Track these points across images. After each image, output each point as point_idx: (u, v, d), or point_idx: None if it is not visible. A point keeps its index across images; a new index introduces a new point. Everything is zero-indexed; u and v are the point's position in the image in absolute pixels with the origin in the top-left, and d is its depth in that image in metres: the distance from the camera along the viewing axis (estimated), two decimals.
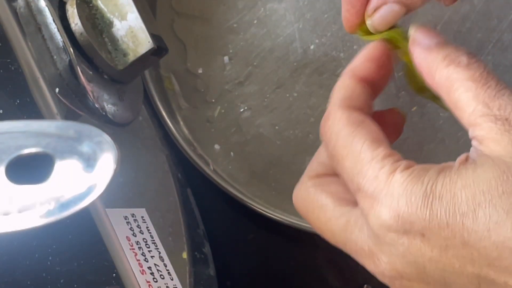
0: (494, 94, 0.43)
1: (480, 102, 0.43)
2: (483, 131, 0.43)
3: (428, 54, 0.46)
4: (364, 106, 0.48)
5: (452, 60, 0.45)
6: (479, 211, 0.41)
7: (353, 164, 0.45)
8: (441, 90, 0.45)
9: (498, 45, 0.70)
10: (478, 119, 0.43)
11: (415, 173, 0.43)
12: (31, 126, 0.42)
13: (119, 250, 0.53)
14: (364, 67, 0.49)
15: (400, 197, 0.42)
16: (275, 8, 0.72)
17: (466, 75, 0.44)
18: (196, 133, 0.70)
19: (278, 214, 0.67)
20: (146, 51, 0.54)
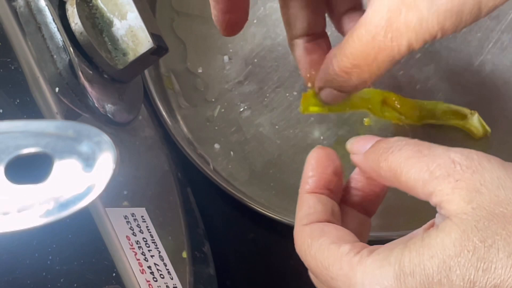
0: (431, 158, 0.44)
1: (423, 173, 0.44)
2: (437, 197, 0.43)
3: (366, 159, 0.48)
4: (324, 215, 0.49)
5: (385, 152, 0.46)
6: (452, 275, 0.41)
7: (325, 269, 0.46)
8: (392, 182, 0.47)
9: (498, 45, 0.70)
10: (429, 188, 0.44)
11: (380, 256, 0.44)
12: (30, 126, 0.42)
13: (119, 249, 0.53)
14: (311, 180, 0.51)
15: (374, 285, 0.43)
16: (275, 8, 0.72)
17: (403, 158, 0.45)
18: (196, 133, 0.70)
19: (278, 213, 0.66)
20: (146, 50, 0.53)
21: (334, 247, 0.46)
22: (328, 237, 0.47)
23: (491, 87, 0.69)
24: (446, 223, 0.42)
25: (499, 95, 0.69)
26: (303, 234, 0.48)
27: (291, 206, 0.67)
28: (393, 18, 0.49)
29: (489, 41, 0.70)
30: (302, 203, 0.51)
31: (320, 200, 0.50)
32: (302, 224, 0.49)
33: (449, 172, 0.43)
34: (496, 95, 0.69)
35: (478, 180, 0.42)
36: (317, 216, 0.49)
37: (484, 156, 0.43)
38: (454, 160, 0.43)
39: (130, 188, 0.58)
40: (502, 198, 0.42)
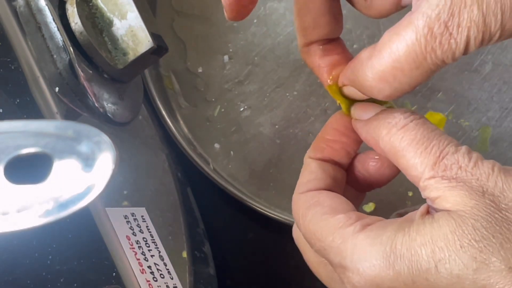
0: (438, 154, 0.44)
1: (425, 166, 0.44)
2: (432, 192, 0.43)
3: (368, 127, 0.47)
4: (323, 183, 0.49)
5: (390, 126, 0.46)
6: (441, 267, 0.41)
7: (318, 240, 0.46)
8: (389, 157, 0.46)
9: (498, 44, 0.70)
10: (426, 182, 0.44)
11: (373, 234, 0.44)
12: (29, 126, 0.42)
13: (119, 249, 0.53)
14: (320, 148, 0.50)
15: (363, 261, 0.43)
16: (275, 7, 0.72)
17: (408, 141, 0.45)
18: (196, 132, 0.70)
19: (278, 213, 0.67)
20: (146, 50, 0.53)
21: (327, 218, 0.46)
22: (322, 207, 0.47)
23: (491, 87, 0.69)
24: (442, 214, 0.42)
25: (499, 95, 0.69)
26: (298, 203, 0.48)
27: (291, 205, 0.68)
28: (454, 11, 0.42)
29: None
30: (304, 168, 0.50)
31: (321, 166, 0.50)
32: (298, 192, 0.49)
33: (454, 176, 0.43)
34: (496, 95, 0.69)
35: (481, 186, 0.42)
36: (315, 184, 0.49)
37: (489, 165, 0.43)
38: (461, 166, 0.43)
39: (130, 188, 0.58)
40: (503, 205, 0.42)
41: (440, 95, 0.69)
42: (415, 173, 0.44)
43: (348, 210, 0.46)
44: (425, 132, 0.45)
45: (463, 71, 0.70)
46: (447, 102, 0.69)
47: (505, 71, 0.69)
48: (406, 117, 0.45)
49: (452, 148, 0.44)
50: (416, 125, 0.45)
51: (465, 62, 0.70)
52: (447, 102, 0.69)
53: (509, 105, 0.69)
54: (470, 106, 0.69)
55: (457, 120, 0.69)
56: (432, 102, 0.69)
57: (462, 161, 0.43)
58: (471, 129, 0.69)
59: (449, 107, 0.69)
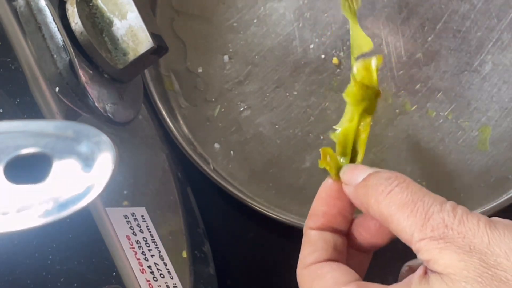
0: (424, 216, 0.45)
1: (413, 229, 0.45)
2: (424, 255, 0.44)
3: (357, 194, 0.48)
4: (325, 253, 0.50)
5: (377, 194, 0.47)
6: None
7: None
8: (381, 222, 0.47)
9: (498, 44, 0.70)
10: (417, 244, 0.44)
11: None
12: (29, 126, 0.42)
13: (119, 249, 0.53)
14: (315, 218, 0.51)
15: None
16: (275, 7, 0.72)
17: (394, 205, 0.46)
18: (196, 132, 0.70)
19: (278, 212, 0.67)
20: (146, 50, 0.53)
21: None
22: (325, 281, 0.47)
23: (491, 87, 0.69)
24: (436, 280, 0.43)
25: (499, 95, 0.69)
26: (303, 279, 0.49)
27: (291, 205, 0.68)
28: None
29: (489, 41, 0.70)
30: (305, 240, 0.51)
31: (321, 237, 0.50)
32: (302, 267, 0.50)
33: (441, 236, 0.44)
34: (496, 95, 0.69)
35: (468, 245, 0.43)
36: (317, 256, 0.49)
37: (474, 221, 0.44)
38: (447, 225, 0.44)
39: (130, 188, 0.58)
40: (491, 262, 0.42)
41: (440, 95, 0.69)
42: (406, 237, 0.45)
43: (350, 281, 0.47)
44: (409, 195, 0.45)
45: (463, 71, 0.70)
46: (447, 102, 0.69)
47: (505, 71, 0.69)
48: (390, 183, 0.46)
49: (436, 207, 0.45)
50: (400, 189, 0.46)
51: (465, 62, 0.70)
52: (447, 102, 0.69)
53: (509, 105, 0.69)
54: (470, 106, 0.69)
55: (457, 120, 0.69)
56: (432, 102, 0.69)
57: (448, 219, 0.44)
58: (471, 129, 0.68)
59: (449, 107, 0.69)
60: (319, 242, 0.50)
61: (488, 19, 0.70)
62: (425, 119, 0.68)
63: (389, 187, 0.46)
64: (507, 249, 0.42)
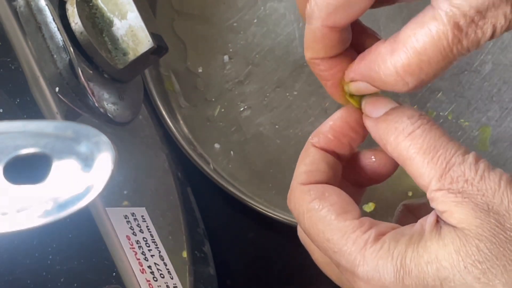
0: (445, 166, 0.43)
1: (432, 177, 0.43)
2: (439, 206, 0.43)
3: (377, 128, 0.46)
4: (325, 176, 0.48)
5: (397, 132, 0.45)
6: (445, 285, 0.42)
7: (327, 240, 0.45)
8: (398, 161, 0.46)
9: (498, 44, 0.70)
10: (433, 193, 0.43)
11: (385, 246, 0.43)
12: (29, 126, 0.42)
13: (119, 249, 0.53)
14: (323, 136, 0.49)
15: (374, 273, 0.43)
16: (275, 7, 0.72)
17: (415, 150, 0.44)
18: (196, 132, 0.70)
19: (278, 212, 0.67)
20: (146, 50, 0.54)
21: (338, 220, 0.45)
22: (331, 205, 0.46)
23: (491, 87, 0.69)
24: (449, 231, 0.42)
25: (499, 95, 0.69)
26: (301, 195, 0.47)
27: None
28: None
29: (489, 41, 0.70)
30: (306, 155, 0.49)
31: (324, 158, 0.48)
32: (300, 182, 0.47)
33: (460, 190, 0.43)
34: (496, 95, 0.69)
35: (486, 203, 0.42)
36: (316, 176, 0.47)
37: (496, 179, 0.43)
38: (467, 179, 0.43)
39: (130, 188, 0.58)
40: (508, 225, 0.42)
41: (440, 95, 0.69)
42: (423, 183, 0.44)
43: (358, 212, 0.46)
44: (431, 140, 0.44)
45: (463, 71, 0.70)
46: (447, 102, 0.69)
47: (505, 71, 0.69)
48: (413, 123, 0.45)
49: (459, 158, 0.43)
50: (422, 132, 0.44)
51: (465, 62, 0.70)
52: (447, 102, 0.69)
53: (509, 105, 0.69)
54: (470, 106, 0.69)
55: (457, 120, 0.69)
56: (432, 102, 0.69)
57: (469, 174, 0.43)
58: (471, 129, 0.69)
59: (449, 107, 0.69)
60: (322, 163, 0.48)
61: None
62: None
63: (411, 127, 0.44)
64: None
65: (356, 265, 0.44)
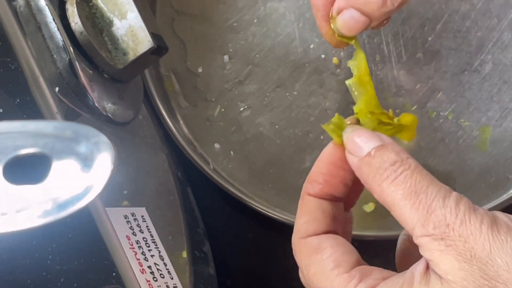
0: (426, 211, 0.43)
1: (415, 222, 0.44)
2: (426, 253, 0.43)
3: (360, 170, 0.47)
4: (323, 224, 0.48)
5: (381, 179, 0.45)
6: None
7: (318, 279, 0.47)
8: (384, 205, 0.46)
9: (498, 44, 0.70)
10: (418, 239, 0.44)
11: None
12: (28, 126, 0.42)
13: (119, 249, 0.53)
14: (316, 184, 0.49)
15: None
16: (275, 7, 0.72)
17: (398, 195, 0.44)
18: (196, 132, 0.70)
19: (278, 212, 0.66)
20: (146, 50, 0.53)
21: (331, 275, 0.46)
22: (326, 259, 0.47)
23: (491, 87, 0.69)
24: (436, 283, 0.43)
25: (499, 95, 0.69)
26: (300, 249, 0.48)
27: (291, 205, 0.68)
28: None
29: (489, 41, 0.70)
30: (302, 206, 0.50)
31: (320, 206, 0.49)
32: (299, 237, 0.48)
33: (442, 236, 0.43)
34: (496, 95, 0.69)
35: (469, 251, 0.42)
36: (314, 227, 0.48)
37: (477, 223, 0.43)
38: (449, 224, 0.43)
39: (130, 188, 0.58)
40: (491, 273, 0.42)
41: (440, 95, 0.69)
42: (408, 228, 0.44)
43: (351, 264, 0.46)
44: (412, 186, 0.44)
45: (463, 71, 0.70)
46: (447, 102, 0.69)
47: (505, 71, 0.69)
48: (395, 170, 0.45)
49: (439, 202, 0.43)
50: (404, 178, 0.45)
51: (465, 62, 0.70)
52: (447, 102, 0.69)
53: (509, 105, 0.69)
54: (470, 106, 0.69)
55: (457, 120, 0.69)
56: (432, 102, 0.69)
57: (449, 218, 0.43)
58: (471, 129, 0.68)
59: (449, 107, 0.69)
60: (317, 212, 0.49)
61: (489, 19, 0.70)
62: (425, 119, 0.68)
63: (394, 174, 0.45)
64: (508, 260, 0.42)
65: None
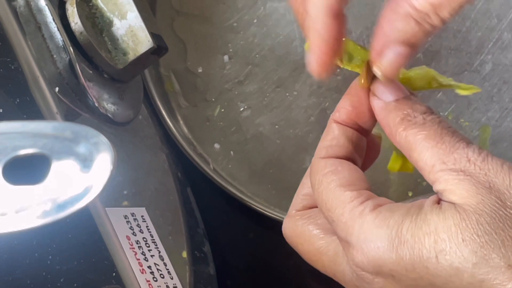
0: (449, 149, 0.44)
1: (436, 160, 0.44)
2: (441, 185, 0.44)
3: (386, 115, 0.47)
4: (345, 150, 0.49)
5: (408, 122, 0.46)
6: (441, 257, 0.42)
7: (328, 210, 0.46)
8: (402, 150, 0.46)
9: (498, 44, 0.70)
10: (436, 175, 0.44)
11: (381, 216, 0.44)
12: (28, 126, 0.42)
13: (119, 249, 0.53)
14: (344, 111, 0.49)
15: (368, 242, 0.44)
16: (275, 7, 0.72)
17: (422, 136, 0.45)
18: (196, 132, 0.70)
19: (277, 213, 0.67)
20: (146, 50, 0.54)
21: (340, 190, 0.46)
22: (338, 178, 0.47)
23: (491, 87, 0.69)
24: (449, 207, 0.43)
25: (499, 95, 0.69)
26: (317, 167, 0.48)
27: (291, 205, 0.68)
28: None
29: (489, 41, 0.70)
30: (328, 131, 0.50)
31: (345, 132, 0.49)
32: (319, 157, 0.48)
33: (462, 168, 0.43)
34: (496, 95, 0.69)
35: (488, 182, 0.43)
36: (336, 151, 0.48)
37: (498, 162, 0.44)
38: (470, 159, 0.43)
39: (130, 188, 0.58)
40: (508, 203, 0.42)
41: (440, 95, 0.69)
42: (426, 167, 0.44)
43: (363, 187, 0.46)
44: (439, 129, 0.45)
45: (463, 71, 0.70)
46: (447, 102, 0.69)
47: (505, 71, 0.69)
48: (426, 116, 0.46)
49: (463, 144, 0.44)
50: (432, 123, 0.45)
51: (465, 62, 0.70)
52: (447, 102, 0.69)
53: (509, 105, 0.69)
54: (470, 106, 0.69)
55: (457, 120, 0.69)
56: (432, 102, 0.69)
57: (472, 155, 0.43)
58: (471, 129, 0.69)
59: (449, 107, 0.69)
60: (341, 138, 0.49)
61: (488, 19, 0.70)
62: None
63: (422, 120, 0.45)
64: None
65: (351, 234, 0.44)
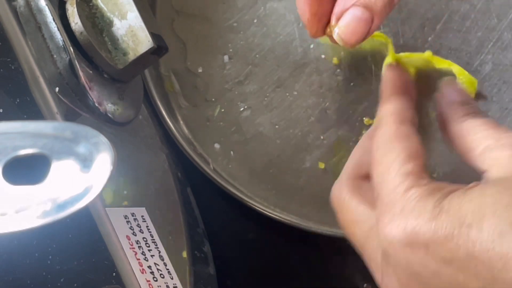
0: (498, 130, 0.46)
1: (490, 139, 0.46)
2: (490, 160, 0.45)
3: (451, 108, 0.50)
4: (412, 116, 0.51)
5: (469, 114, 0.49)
6: (484, 222, 0.41)
7: (381, 172, 0.47)
8: (456, 137, 0.48)
9: (498, 44, 0.70)
10: (486, 153, 0.45)
11: (429, 190, 0.45)
12: (27, 126, 0.42)
13: (119, 249, 0.53)
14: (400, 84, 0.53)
15: (410, 210, 0.44)
16: (275, 7, 0.72)
17: (479, 122, 0.47)
18: (196, 132, 0.70)
19: (278, 213, 0.67)
20: (146, 50, 0.53)
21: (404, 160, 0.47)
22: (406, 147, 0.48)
23: (491, 87, 0.69)
24: (493, 177, 0.44)
25: (499, 95, 0.69)
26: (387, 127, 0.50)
27: (291, 205, 0.68)
28: None
29: (489, 41, 0.70)
30: (398, 99, 0.52)
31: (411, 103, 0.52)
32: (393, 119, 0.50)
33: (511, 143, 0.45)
34: (496, 95, 0.69)
35: None
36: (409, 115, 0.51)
37: None
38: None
39: (130, 188, 0.58)
40: None
41: None
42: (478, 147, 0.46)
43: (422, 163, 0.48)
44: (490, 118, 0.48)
45: None
46: None
47: (505, 71, 0.69)
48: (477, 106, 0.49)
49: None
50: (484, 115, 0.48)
51: (465, 62, 0.70)
52: None
53: (509, 105, 0.69)
54: None
55: None
56: (432, 102, 0.69)
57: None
58: None
59: None
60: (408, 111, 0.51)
61: (488, 19, 0.70)
62: (425, 119, 0.68)
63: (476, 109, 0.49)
64: None
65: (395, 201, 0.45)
